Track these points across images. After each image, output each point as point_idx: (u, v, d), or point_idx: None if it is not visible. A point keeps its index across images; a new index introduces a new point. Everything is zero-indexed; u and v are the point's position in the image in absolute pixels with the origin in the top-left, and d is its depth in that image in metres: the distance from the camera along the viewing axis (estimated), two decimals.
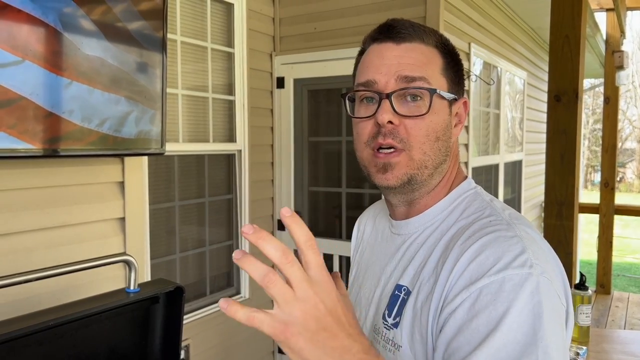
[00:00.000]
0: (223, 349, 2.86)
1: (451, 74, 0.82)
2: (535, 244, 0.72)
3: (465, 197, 0.84)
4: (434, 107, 0.78)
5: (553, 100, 2.54)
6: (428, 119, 0.78)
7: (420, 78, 0.77)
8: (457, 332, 0.66)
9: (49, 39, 1.60)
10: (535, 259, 0.68)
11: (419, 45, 0.79)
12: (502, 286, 0.66)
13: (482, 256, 0.69)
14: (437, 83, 0.79)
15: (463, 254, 0.71)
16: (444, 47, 0.82)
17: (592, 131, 21.15)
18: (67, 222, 1.91)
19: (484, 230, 0.74)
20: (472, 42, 3.34)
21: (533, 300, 0.65)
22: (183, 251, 2.71)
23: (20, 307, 1.69)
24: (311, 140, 3.22)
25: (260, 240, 0.50)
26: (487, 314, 0.65)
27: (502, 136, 4.25)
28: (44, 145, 1.63)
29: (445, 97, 0.80)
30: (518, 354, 0.62)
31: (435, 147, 0.79)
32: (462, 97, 0.85)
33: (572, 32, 2.49)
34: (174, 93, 2.56)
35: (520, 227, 0.74)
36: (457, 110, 0.84)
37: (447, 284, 0.71)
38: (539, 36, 5.33)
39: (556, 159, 2.53)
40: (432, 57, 0.80)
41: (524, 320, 0.64)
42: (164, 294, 1.58)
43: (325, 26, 3.02)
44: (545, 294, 0.66)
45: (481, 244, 0.71)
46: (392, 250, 0.87)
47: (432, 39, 0.81)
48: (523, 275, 0.66)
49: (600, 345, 2.05)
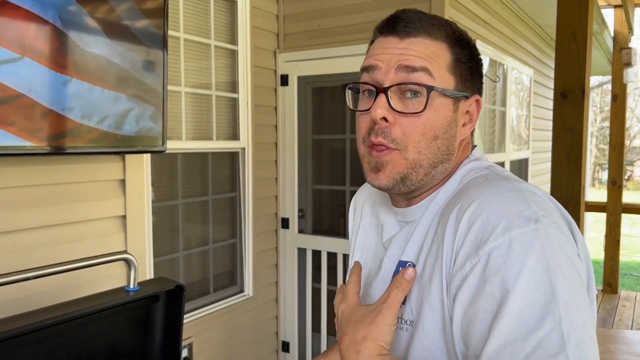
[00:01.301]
0: (227, 347, 2.85)
1: (462, 70, 0.78)
2: (536, 195, 0.70)
3: (466, 167, 0.82)
4: (432, 104, 0.75)
5: (559, 97, 2.51)
6: (425, 117, 0.75)
7: (422, 69, 0.74)
8: (472, 299, 0.65)
9: (48, 35, 1.59)
10: (539, 210, 0.66)
11: (425, 40, 0.76)
12: (511, 247, 0.64)
13: (484, 215, 0.67)
14: (441, 78, 0.75)
15: (464, 215, 0.69)
16: (457, 41, 0.78)
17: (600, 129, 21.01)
18: (67, 219, 1.91)
19: (481, 187, 0.72)
20: (477, 39, 3.31)
21: (545, 256, 0.63)
22: (187, 249, 2.71)
23: (20, 305, 1.69)
24: (315, 138, 3.20)
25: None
26: (500, 277, 0.63)
27: (508, 134, 4.22)
28: (44, 143, 1.62)
29: (448, 95, 0.76)
30: (540, 313, 0.61)
31: (432, 146, 0.76)
32: (474, 94, 0.81)
33: (579, 28, 2.46)
34: (177, 91, 2.55)
35: (519, 182, 0.72)
36: (467, 108, 0.80)
37: (453, 249, 0.69)
38: (546, 33, 5.28)
39: (562, 157, 2.51)
40: (438, 51, 0.76)
41: (539, 279, 0.62)
42: (165, 293, 1.57)
43: (329, 23, 3.00)
44: (557, 245, 0.65)
45: (480, 201, 0.69)
46: (394, 232, 0.86)
47: (442, 32, 0.77)
48: (530, 232, 0.64)
49: (607, 345, 2.02)
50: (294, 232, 3.23)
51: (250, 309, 3.03)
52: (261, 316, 3.13)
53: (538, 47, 5.16)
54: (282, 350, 3.31)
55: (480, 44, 3.37)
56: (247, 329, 3.00)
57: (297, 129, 3.19)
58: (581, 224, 2.55)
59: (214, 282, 2.87)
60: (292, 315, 3.28)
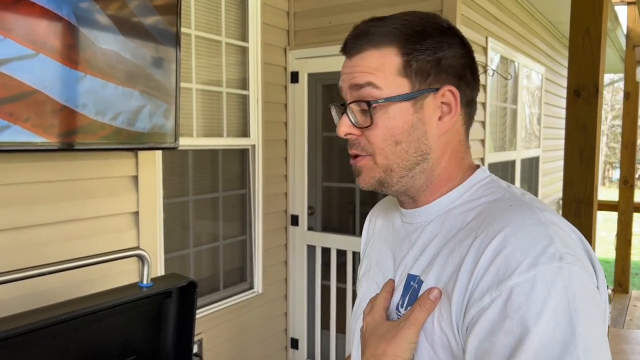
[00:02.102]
0: (236, 344, 2.86)
1: (421, 67, 0.76)
2: (560, 228, 0.70)
3: (481, 185, 0.81)
4: (383, 114, 0.77)
5: (572, 95, 2.49)
6: (381, 127, 0.77)
7: (367, 84, 0.76)
8: (490, 333, 0.65)
9: (63, 32, 1.60)
10: (563, 247, 0.66)
11: (370, 52, 0.77)
12: (534, 285, 0.64)
13: (509, 249, 0.67)
14: (391, 85, 0.76)
15: (487, 246, 0.69)
16: (413, 40, 0.76)
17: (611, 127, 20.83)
18: (80, 215, 1.92)
19: (506, 217, 0.72)
20: (489, 36, 3.29)
21: (567, 296, 0.63)
22: (197, 246, 2.71)
23: (34, 301, 1.70)
24: (325, 135, 3.20)
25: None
26: (521, 314, 0.63)
27: (519, 132, 4.19)
28: (58, 139, 1.63)
29: (398, 100, 0.76)
30: (558, 353, 0.61)
31: (397, 151, 0.78)
32: (445, 85, 0.78)
33: (593, 25, 2.43)
34: (188, 87, 2.55)
35: (543, 212, 0.72)
36: (441, 100, 0.78)
37: (472, 278, 0.69)
38: (558, 30, 5.24)
39: (575, 156, 2.48)
40: (384, 60, 0.76)
41: (560, 318, 0.62)
42: (177, 289, 1.58)
43: (340, 20, 2.99)
44: (579, 284, 0.65)
45: (505, 234, 0.69)
46: (403, 239, 0.86)
47: (390, 37, 0.76)
48: (554, 270, 0.64)
49: (619, 345, 2.00)
50: (303, 230, 3.23)
51: (259, 306, 3.03)
52: (270, 313, 3.13)
53: (550, 44, 5.12)
54: (291, 347, 3.32)
55: (492, 41, 3.35)
56: (256, 325, 3.01)
57: (307, 126, 3.18)
58: (593, 223, 2.53)
59: (224, 278, 2.88)
60: (302, 312, 3.28)
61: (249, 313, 2.95)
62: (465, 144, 0.85)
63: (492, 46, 3.35)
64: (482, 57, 3.20)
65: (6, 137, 1.49)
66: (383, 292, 0.83)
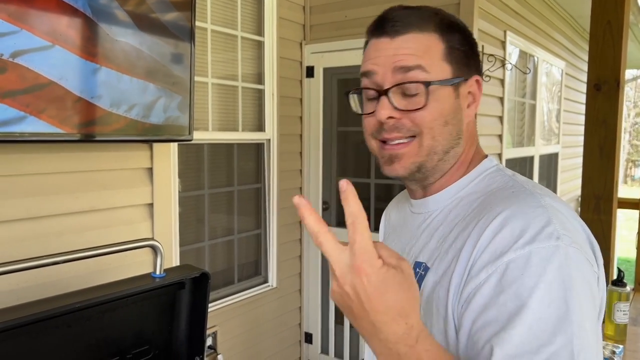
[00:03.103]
0: (251, 337, 2.87)
1: (457, 55, 0.79)
2: (560, 213, 0.70)
3: (487, 174, 0.83)
4: (434, 96, 0.77)
5: (593, 89, 2.44)
6: (430, 108, 0.77)
7: (416, 67, 0.76)
8: (484, 308, 0.65)
9: (79, 24, 1.61)
10: (562, 229, 0.67)
11: (415, 35, 0.77)
12: (529, 260, 0.64)
13: (507, 228, 0.68)
14: (437, 70, 0.77)
15: (487, 227, 0.70)
16: (448, 29, 0.79)
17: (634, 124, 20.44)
18: (96, 206, 1.94)
19: (507, 201, 0.72)
20: (508, 30, 3.24)
21: (562, 274, 0.63)
22: (212, 239, 2.73)
23: (50, 289, 1.73)
24: (340, 130, 3.19)
25: (344, 200, 0.56)
26: (515, 288, 0.63)
27: (537, 128, 4.13)
28: (73, 130, 1.65)
29: (447, 84, 0.78)
30: (552, 328, 0.61)
31: (445, 132, 0.78)
32: (473, 75, 0.82)
33: (615, 17, 2.38)
34: (204, 81, 2.56)
35: (544, 197, 0.72)
36: (469, 89, 0.82)
37: (471, 257, 0.70)
38: (579, 24, 5.15)
39: (594, 151, 2.44)
40: (430, 44, 0.77)
41: (555, 295, 0.62)
42: (190, 280, 1.59)
43: (356, 14, 2.98)
44: (575, 265, 0.65)
45: (505, 216, 0.69)
46: (413, 229, 0.87)
47: (431, 24, 0.78)
48: (550, 248, 0.65)
49: (638, 344, 1.96)
50: None
51: (273, 300, 3.04)
52: (285, 307, 3.14)
53: (571, 39, 5.03)
54: (305, 341, 3.32)
55: (511, 35, 3.30)
56: (270, 319, 3.02)
57: (322, 121, 3.18)
58: (613, 220, 2.48)
59: (239, 272, 2.89)
60: (316, 306, 3.28)
61: (264, 307, 2.96)
62: (477, 133, 0.88)
63: (510, 40, 3.30)
64: (500, 51, 3.15)
65: (23, 128, 1.51)
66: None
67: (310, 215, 0.56)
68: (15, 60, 1.46)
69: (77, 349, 1.41)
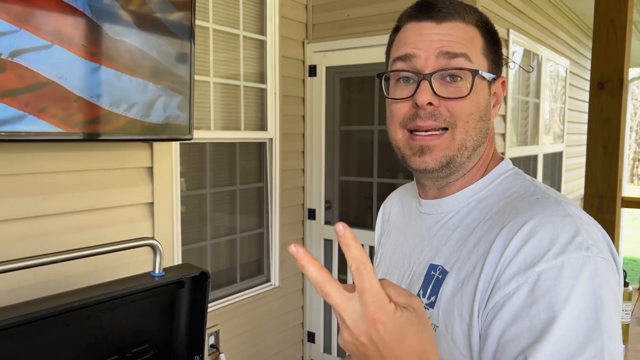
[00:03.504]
0: (253, 336, 2.87)
1: (491, 53, 0.81)
2: (584, 222, 0.70)
3: (506, 177, 0.82)
4: (476, 87, 0.76)
5: (596, 88, 2.43)
6: (470, 99, 0.76)
7: (462, 54, 0.75)
8: (515, 319, 0.65)
9: (78, 23, 1.61)
10: (590, 239, 0.67)
11: (460, 24, 0.77)
12: (562, 271, 0.64)
13: (537, 238, 0.67)
14: (479, 62, 0.77)
15: (515, 235, 0.69)
16: (485, 26, 0.81)
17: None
18: (96, 205, 1.94)
19: (533, 208, 0.71)
20: (511, 29, 3.22)
21: (594, 284, 0.63)
22: (214, 238, 2.73)
23: (49, 288, 1.73)
24: (343, 129, 3.18)
25: (345, 245, 0.52)
26: (548, 300, 0.63)
27: (541, 126, 4.11)
28: (73, 129, 1.65)
29: (486, 78, 0.79)
30: (583, 339, 0.61)
31: (477, 127, 0.78)
32: (500, 76, 0.83)
33: (618, 16, 2.36)
34: (206, 81, 2.56)
35: (569, 205, 0.72)
36: (495, 90, 0.82)
37: (498, 264, 0.69)
38: (583, 22, 5.11)
39: (598, 150, 2.42)
40: (473, 36, 0.78)
41: (586, 306, 0.62)
42: (190, 279, 1.58)
43: (359, 13, 2.97)
44: (605, 276, 0.65)
45: (534, 224, 0.69)
46: (423, 230, 0.85)
47: (473, 17, 0.79)
48: (581, 258, 0.65)
49: None
50: (320, 223, 3.22)
51: (276, 299, 3.04)
52: (287, 306, 3.14)
53: (575, 37, 5.00)
54: (308, 340, 3.32)
55: (514, 34, 3.28)
56: (273, 318, 3.02)
57: (325, 120, 3.17)
58: (617, 219, 2.46)
59: (241, 271, 2.89)
60: (318, 305, 3.28)
61: (266, 306, 2.96)
62: (495, 135, 0.88)
63: (513, 39, 3.28)
64: (503, 49, 3.14)
65: (22, 127, 1.51)
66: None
67: (311, 265, 0.53)
68: (15, 60, 1.47)
69: (77, 348, 1.42)
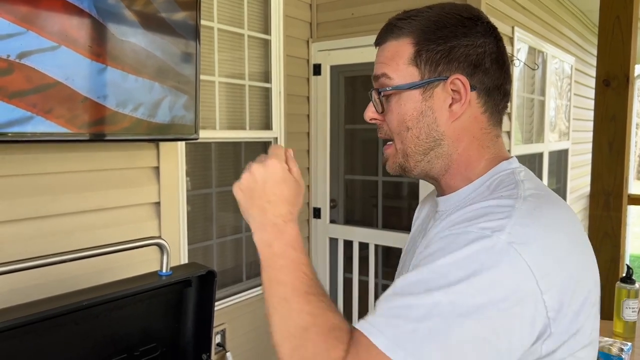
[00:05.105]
0: (259, 334, 2.88)
1: (430, 56, 0.79)
2: (538, 221, 0.68)
3: (498, 177, 0.80)
4: (397, 101, 0.81)
5: (601, 85, 2.42)
6: (394, 113, 0.82)
7: (382, 75, 0.82)
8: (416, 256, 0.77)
9: (84, 24, 1.62)
10: (515, 230, 0.65)
11: (391, 43, 0.82)
12: (457, 237, 0.67)
13: (467, 209, 0.73)
14: (402, 74, 0.80)
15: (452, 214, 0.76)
16: (426, 30, 0.79)
17: None
18: (103, 205, 1.95)
19: (489, 197, 0.75)
20: (515, 26, 3.22)
21: (479, 258, 0.63)
22: (220, 237, 2.74)
23: (57, 288, 1.74)
24: (347, 127, 3.18)
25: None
26: (430, 250, 0.69)
27: (547, 124, 4.10)
28: (80, 130, 1.66)
29: (404, 88, 0.80)
30: (425, 287, 0.64)
31: (409, 137, 0.82)
32: (455, 74, 0.78)
33: (624, 12, 2.36)
34: (211, 80, 2.57)
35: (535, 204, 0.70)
36: (451, 88, 0.79)
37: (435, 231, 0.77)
38: (589, 19, 5.09)
39: (604, 147, 2.42)
40: (398, 49, 0.81)
41: (458, 268, 0.63)
42: (197, 278, 1.60)
43: (363, 11, 2.97)
44: (498, 262, 0.63)
45: (474, 207, 0.73)
46: (429, 227, 0.89)
47: (408, 29, 0.80)
48: (480, 234, 0.65)
49: None
50: (325, 222, 3.23)
51: None
52: None
53: (580, 34, 4.98)
54: None
55: (519, 31, 3.27)
56: None
57: (330, 119, 3.18)
58: (623, 217, 2.45)
59: (247, 270, 2.90)
60: None
61: None
62: (491, 132, 0.84)
63: (518, 36, 3.27)
64: (508, 47, 3.13)
65: (30, 128, 1.53)
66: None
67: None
68: (22, 61, 1.48)
69: (85, 347, 1.43)
